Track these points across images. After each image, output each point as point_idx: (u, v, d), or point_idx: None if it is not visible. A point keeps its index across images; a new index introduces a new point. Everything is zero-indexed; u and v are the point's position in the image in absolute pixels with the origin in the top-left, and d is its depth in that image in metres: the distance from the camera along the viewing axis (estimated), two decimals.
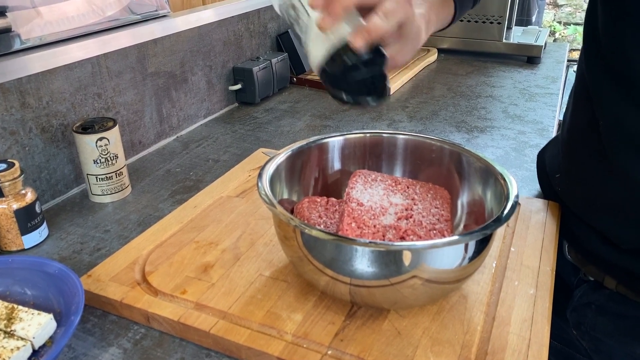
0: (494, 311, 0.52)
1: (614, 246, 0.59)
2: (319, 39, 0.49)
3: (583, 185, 0.63)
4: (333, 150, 0.66)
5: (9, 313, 0.51)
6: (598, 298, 0.63)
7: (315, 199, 0.62)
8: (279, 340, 0.49)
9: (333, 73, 0.48)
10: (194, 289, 0.56)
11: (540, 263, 0.59)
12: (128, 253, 0.62)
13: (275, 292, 0.55)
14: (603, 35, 0.56)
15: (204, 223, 0.68)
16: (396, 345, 0.48)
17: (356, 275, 0.47)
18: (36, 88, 0.74)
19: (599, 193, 0.60)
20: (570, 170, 0.66)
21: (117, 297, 0.55)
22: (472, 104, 1.19)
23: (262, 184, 0.54)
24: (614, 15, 0.54)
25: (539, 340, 0.49)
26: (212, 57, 1.12)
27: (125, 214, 0.75)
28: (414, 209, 0.56)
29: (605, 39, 0.55)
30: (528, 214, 0.69)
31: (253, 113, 1.16)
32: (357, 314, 0.52)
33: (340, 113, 1.15)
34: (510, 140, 0.99)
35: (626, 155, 0.55)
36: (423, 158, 0.65)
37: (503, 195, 0.53)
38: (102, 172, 0.76)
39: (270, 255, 0.61)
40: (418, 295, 0.49)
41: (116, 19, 0.87)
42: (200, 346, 0.51)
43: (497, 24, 1.53)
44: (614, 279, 0.61)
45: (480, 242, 0.49)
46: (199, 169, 0.90)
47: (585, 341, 0.66)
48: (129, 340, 0.52)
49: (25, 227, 0.66)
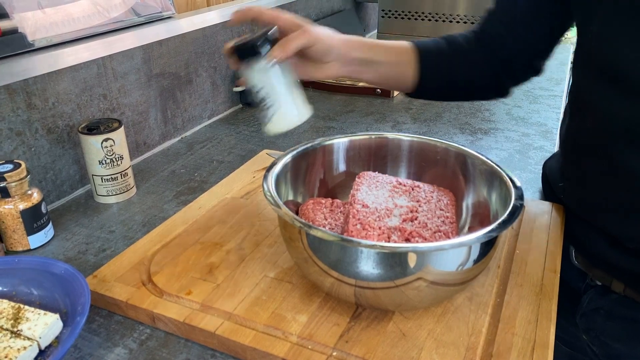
0: (498, 313, 0.53)
1: (621, 248, 0.59)
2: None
3: (586, 186, 0.63)
4: (338, 151, 0.66)
5: (16, 313, 0.51)
6: (606, 303, 0.63)
7: (320, 201, 0.62)
8: (284, 342, 0.49)
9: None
10: (199, 290, 0.56)
11: (544, 265, 0.59)
12: (133, 254, 0.62)
13: (280, 294, 0.55)
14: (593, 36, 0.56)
15: (208, 224, 0.68)
16: (401, 347, 0.48)
17: (361, 276, 0.47)
18: (42, 89, 0.75)
19: (602, 191, 0.60)
20: (573, 172, 0.66)
21: (122, 298, 0.55)
22: (476, 106, 1.19)
23: (267, 185, 0.54)
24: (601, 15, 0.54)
25: (544, 342, 0.49)
26: (216, 59, 1.12)
27: (130, 215, 0.76)
28: (419, 211, 0.56)
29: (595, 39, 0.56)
30: (533, 216, 0.69)
31: (257, 114, 1.16)
32: (362, 316, 0.52)
33: (345, 114, 1.15)
34: (514, 143, 0.99)
35: (624, 150, 0.55)
36: (428, 160, 0.65)
37: (508, 197, 0.53)
38: (107, 173, 0.76)
39: (275, 256, 0.62)
40: (423, 297, 0.49)
41: (121, 21, 0.87)
42: (205, 347, 0.52)
43: None
44: (622, 282, 0.61)
45: (485, 245, 0.49)
46: (204, 170, 0.90)
47: (595, 346, 0.65)
48: (134, 340, 0.53)
49: (31, 228, 0.66)
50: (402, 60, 0.68)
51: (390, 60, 0.67)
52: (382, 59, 0.66)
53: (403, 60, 0.68)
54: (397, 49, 0.68)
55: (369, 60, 0.65)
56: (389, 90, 1.24)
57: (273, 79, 0.64)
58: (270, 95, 0.63)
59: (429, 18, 1.63)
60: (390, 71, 0.67)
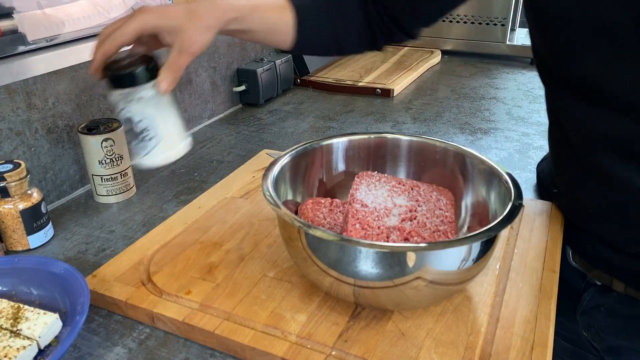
0: (497, 313, 0.53)
1: (620, 251, 0.59)
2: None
3: (578, 197, 0.63)
4: (337, 151, 0.66)
5: (15, 312, 0.51)
6: (607, 301, 0.63)
7: (319, 200, 0.62)
8: (283, 341, 0.49)
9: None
10: (199, 290, 0.56)
11: (544, 264, 0.59)
12: (133, 253, 0.62)
13: (279, 293, 0.55)
14: (548, 55, 0.56)
15: (208, 224, 0.68)
16: (400, 346, 0.49)
17: (360, 276, 0.47)
18: (42, 89, 0.75)
19: (594, 201, 0.60)
20: (563, 183, 0.66)
21: (122, 297, 0.55)
22: (476, 106, 1.19)
23: (266, 185, 0.54)
24: (554, 34, 0.54)
25: (543, 341, 0.49)
26: (216, 59, 1.12)
27: (130, 215, 0.76)
28: (418, 211, 0.56)
29: (551, 58, 0.56)
30: (532, 215, 0.69)
31: (257, 114, 1.17)
32: (361, 315, 0.52)
33: (345, 114, 1.15)
34: (514, 142, 0.99)
35: (604, 160, 0.55)
36: (427, 159, 0.65)
37: (507, 197, 0.53)
38: (107, 173, 0.77)
39: (275, 256, 0.62)
40: (422, 297, 0.49)
41: None
42: (204, 346, 0.52)
43: (501, 25, 1.53)
44: (622, 282, 0.61)
45: (484, 244, 0.49)
46: (203, 169, 0.90)
47: (596, 342, 0.65)
48: (133, 340, 0.53)
49: (31, 227, 0.66)
50: (279, 27, 0.65)
51: (267, 29, 0.64)
52: (259, 28, 0.63)
53: (279, 28, 0.66)
54: (274, 16, 0.65)
55: (243, 31, 0.63)
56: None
57: (156, 109, 0.60)
58: (152, 126, 0.60)
59: None
60: (266, 37, 0.66)
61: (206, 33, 0.57)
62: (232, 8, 0.60)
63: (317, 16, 0.67)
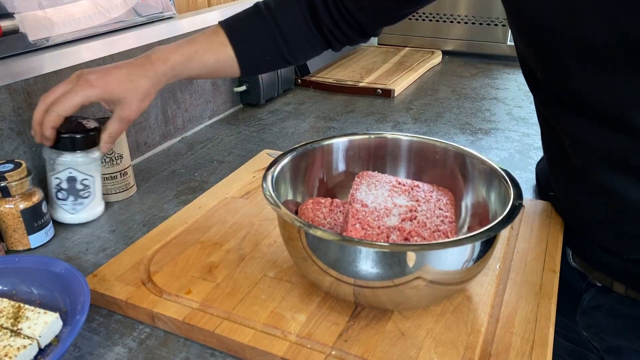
0: (497, 313, 0.53)
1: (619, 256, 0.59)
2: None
3: (573, 204, 0.63)
4: (337, 151, 0.66)
5: (16, 312, 0.51)
6: (607, 301, 0.63)
7: (319, 200, 0.62)
8: (283, 341, 0.49)
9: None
10: (199, 289, 0.56)
11: (544, 264, 0.59)
12: (133, 253, 0.62)
13: (279, 293, 0.55)
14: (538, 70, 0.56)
15: (208, 224, 0.68)
16: (400, 346, 0.49)
17: (360, 276, 0.47)
18: (43, 89, 0.75)
19: (589, 210, 0.60)
20: (560, 188, 0.66)
21: (122, 297, 0.55)
22: (477, 106, 1.19)
23: (267, 185, 0.54)
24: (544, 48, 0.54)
25: (543, 342, 0.49)
26: None
27: (131, 214, 0.76)
28: (418, 211, 0.56)
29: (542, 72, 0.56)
30: (532, 215, 0.69)
31: (258, 114, 1.17)
32: (361, 315, 0.52)
33: (345, 115, 1.15)
34: (515, 143, 0.99)
35: (598, 171, 0.55)
36: (427, 160, 0.66)
37: (507, 197, 0.53)
38: (107, 172, 0.77)
39: (275, 256, 0.62)
40: (422, 297, 0.49)
41: (122, 21, 0.87)
42: (204, 346, 0.52)
43: (502, 26, 1.53)
44: (623, 284, 0.61)
45: (484, 244, 0.49)
46: (204, 169, 0.90)
47: (596, 342, 0.65)
48: (134, 339, 0.53)
49: (31, 227, 0.66)
50: (221, 65, 0.68)
51: (209, 70, 0.68)
52: (200, 72, 0.67)
53: (222, 65, 0.68)
54: (213, 57, 0.67)
55: (187, 77, 0.68)
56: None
57: (95, 171, 0.70)
58: (90, 186, 0.69)
59: (429, 18, 1.63)
60: (212, 75, 0.70)
61: (145, 100, 0.64)
62: (167, 67, 0.64)
63: (257, 42, 0.69)
